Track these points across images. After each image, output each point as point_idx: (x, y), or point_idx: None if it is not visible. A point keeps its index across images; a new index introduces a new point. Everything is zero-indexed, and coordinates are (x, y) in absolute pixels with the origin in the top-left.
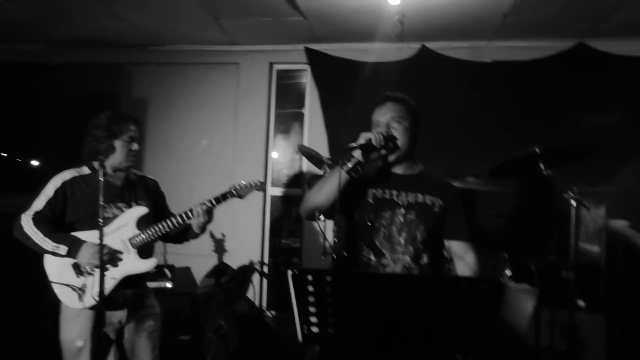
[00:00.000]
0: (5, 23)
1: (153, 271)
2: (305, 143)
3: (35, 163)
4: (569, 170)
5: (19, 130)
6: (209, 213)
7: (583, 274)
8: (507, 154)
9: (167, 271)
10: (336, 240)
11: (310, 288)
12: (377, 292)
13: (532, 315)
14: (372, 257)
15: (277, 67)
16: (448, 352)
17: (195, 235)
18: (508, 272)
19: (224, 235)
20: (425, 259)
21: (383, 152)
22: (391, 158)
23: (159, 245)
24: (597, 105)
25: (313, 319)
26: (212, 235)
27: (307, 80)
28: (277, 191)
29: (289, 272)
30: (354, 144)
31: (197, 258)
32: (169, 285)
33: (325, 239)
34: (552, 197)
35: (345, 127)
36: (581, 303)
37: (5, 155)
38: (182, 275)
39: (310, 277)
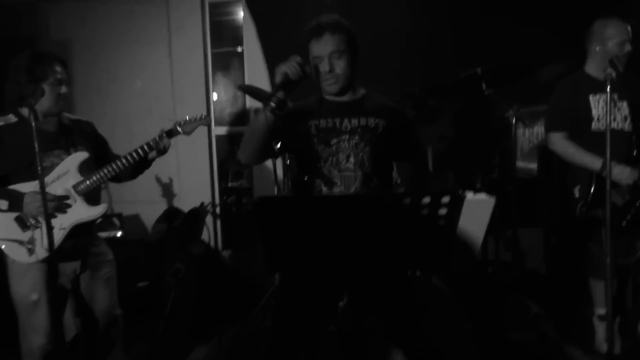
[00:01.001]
0: None
1: (100, 220)
2: (246, 79)
3: None
4: (510, 90)
5: None
6: (166, 144)
7: (523, 189)
8: (449, 76)
9: (115, 220)
10: (290, 171)
11: (273, 216)
12: (339, 214)
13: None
14: (324, 188)
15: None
16: (408, 269)
17: (149, 165)
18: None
19: (171, 179)
20: (375, 182)
21: (302, 78)
22: (332, 89)
23: (104, 195)
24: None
25: (277, 247)
26: (158, 180)
27: (243, 13)
28: (222, 130)
29: (253, 202)
30: (273, 90)
31: (145, 204)
32: (119, 234)
33: (275, 176)
34: (493, 116)
35: (286, 59)
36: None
37: None
38: (132, 223)
39: (272, 205)
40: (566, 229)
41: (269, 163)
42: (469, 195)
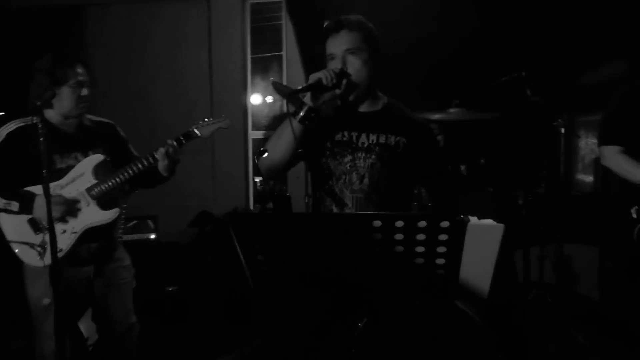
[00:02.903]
0: None
1: (135, 222)
2: (285, 82)
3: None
4: (559, 96)
5: None
6: (174, 154)
7: (577, 204)
8: (490, 81)
9: (150, 222)
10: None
11: (251, 234)
12: (325, 234)
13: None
14: (334, 208)
15: (251, 0)
16: (407, 298)
17: (164, 179)
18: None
19: (206, 182)
20: (391, 207)
21: (338, 91)
22: (351, 97)
23: (139, 196)
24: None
25: (261, 266)
26: (194, 183)
27: (283, 17)
28: (259, 134)
29: (228, 217)
30: (299, 87)
31: (180, 207)
32: (152, 236)
33: (306, 183)
34: (540, 125)
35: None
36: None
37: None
38: (165, 225)
39: (248, 222)
40: (623, 253)
41: (300, 167)
42: (474, 220)
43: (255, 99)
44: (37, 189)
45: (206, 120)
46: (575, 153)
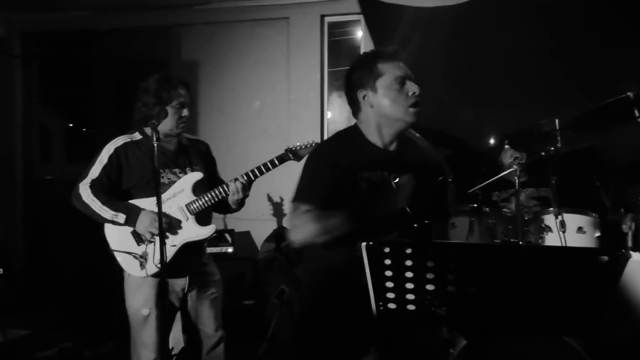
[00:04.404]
0: None
1: (213, 236)
2: None
3: (95, 133)
4: None
5: (76, 101)
6: (245, 189)
7: None
8: (589, 103)
9: (227, 236)
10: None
11: (387, 261)
12: (464, 264)
13: None
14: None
15: (328, 19)
16: (553, 334)
17: (234, 210)
18: (597, 234)
19: (282, 198)
20: None
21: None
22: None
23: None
24: None
25: (390, 295)
26: (270, 199)
27: (362, 33)
28: None
29: (363, 244)
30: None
31: (257, 222)
32: (230, 250)
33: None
34: None
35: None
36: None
37: (71, 125)
38: (243, 239)
39: (387, 250)
40: None
41: None
42: (636, 256)
43: (331, 114)
44: (140, 202)
45: (298, 144)
46: None
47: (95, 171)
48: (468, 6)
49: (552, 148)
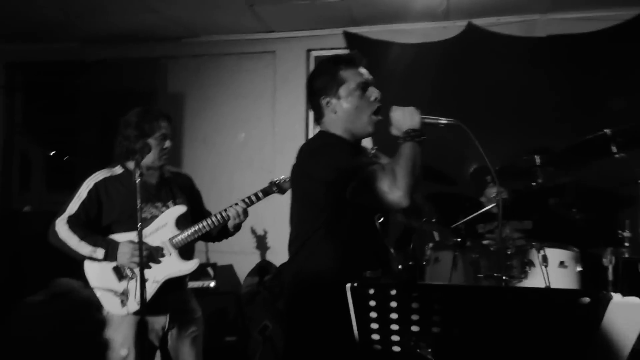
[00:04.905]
0: (40, 22)
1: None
2: None
3: (81, 161)
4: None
5: (61, 130)
6: (245, 213)
7: None
8: (568, 139)
9: (210, 270)
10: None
11: (372, 302)
12: (449, 306)
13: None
14: None
15: (314, 53)
16: None
17: (231, 234)
18: (578, 268)
19: (265, 231)
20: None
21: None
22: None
23: (200, 243)
24: None
25: (375, 336)
26: (253, 232)
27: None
28: None
29: (347, 286)
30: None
31: (239, 256)
32: (212, 284)
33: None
34: (625, 181)
35: (388, 113)
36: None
37: (54, 152)
38: (225, 273)
39: (372, 291)
40: None
41: None
42: (617, 297)
43: None
44: (120, 237)
45: (282, 177)
46: None
47: (73, 207)
48: (452, 42)
49: (534, 183)
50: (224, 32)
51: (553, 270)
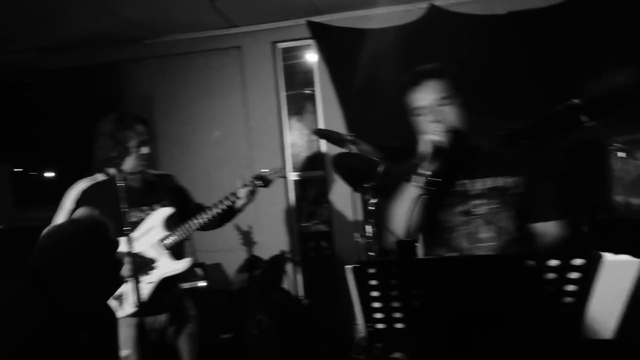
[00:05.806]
0: None
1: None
2: (320, 121)
3: (49, 174)
4: (610, 120)
5: (27, 143)
6: (253, 194)
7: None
8: (537, 112)
9: (198, 270)
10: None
11: (374, 282)
12: (451, 278)
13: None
14: None
15: (280, 45)
16: (534, 341)
17: (233, 217)
18: None
19: (250, 227)
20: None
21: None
22: (442, 137)
23: (187, 245)
24: (630, 46)
25: (378, 315)
26: (238, 229)
27: (315, 56)
28: (297, 175)
29: (348, 267)
30: (424, 171)
31: (227, 253)
32: (202, 284)
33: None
34: (600, 150)
35: (360, 99)
36: None
37: (21, 169)
38: (214, 272)
39: (372, 270)
40: None
41: (346, 205)
42: (609, 256)
43: (292, 138)
44: None
45: (262, 172)
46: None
47: (60, 219)
48: (416, 24)
49: None
50: (187, 30)
51: None
